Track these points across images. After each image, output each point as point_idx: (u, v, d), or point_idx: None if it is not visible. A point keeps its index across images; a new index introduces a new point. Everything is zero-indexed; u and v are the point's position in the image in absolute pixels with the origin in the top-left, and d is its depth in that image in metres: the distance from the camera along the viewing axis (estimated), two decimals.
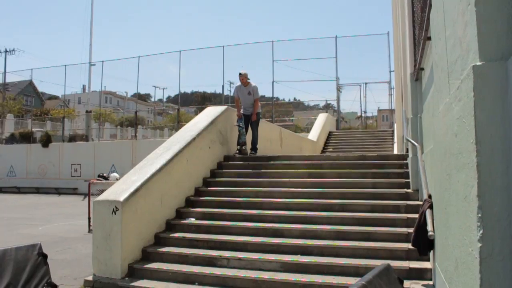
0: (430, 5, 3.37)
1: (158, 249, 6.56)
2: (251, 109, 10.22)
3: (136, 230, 6.48)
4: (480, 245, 1.56)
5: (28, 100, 52.61)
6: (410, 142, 6.94)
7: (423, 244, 4.85)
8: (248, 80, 10.32)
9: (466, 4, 1.78)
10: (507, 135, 1.52)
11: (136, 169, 7.22)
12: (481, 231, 1.56)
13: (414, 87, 7.15)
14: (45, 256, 5.87)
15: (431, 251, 4.94)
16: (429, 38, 4.77)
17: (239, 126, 10.06)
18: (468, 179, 1.69)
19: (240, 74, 10.32)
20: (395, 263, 5.30)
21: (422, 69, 6.24)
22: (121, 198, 6.22)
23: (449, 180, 2.26)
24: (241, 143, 10.05)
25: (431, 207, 4.71)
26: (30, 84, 49.29)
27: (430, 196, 4.94)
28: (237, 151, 10.04)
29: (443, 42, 2.50)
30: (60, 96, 44.78)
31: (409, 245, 5.42)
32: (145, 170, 7.04)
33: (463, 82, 1.76)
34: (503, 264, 1.53)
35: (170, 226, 7.24)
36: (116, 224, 6.14)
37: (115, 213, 6.15)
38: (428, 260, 5.41)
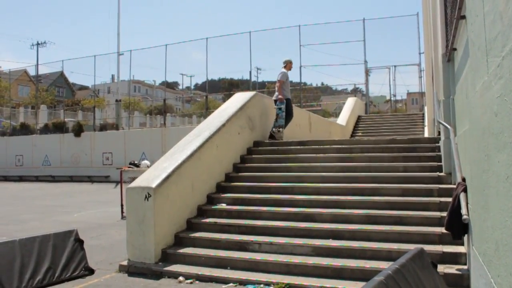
0: None
1: (190, 234, 6.65)
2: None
3: (168, 215, 6.57)
4: None
5: (59, 91, 53.72)
6: (443, 124, 6.81)
7: (457, 228, 4.78)
8: None
9: None
10: None
11: (167, 156, 7.30)
12: None
13: (446, 68, 6.98)
14: (81, 242, 6.05)
15: (465, 235, 4.87)
16: (463, 17, 4.64)
17: (280, 109, 10.11)
18: (510, 158, 1.64)
19: (290, 61, 10.95)
20: (428, 247, 5.23)
21: (455, 49, 6.08)
22: (153, 185, 6.31)
23: (488, 161, 2.20)
24: (277, 126, 10.08)
25: (465, 190, 4.63)
26: (61, 75, 50.18)
27: (464, 179, 4.85)
28: (271, 135, 10.10)
29: (480, 19, 2.42)
30: (90, 86, 45.43)
31: (442, 229, 5.34)
32: (176, 156, 7.11)
33: (504, 59, 1.70)
34: None
35: (202, 211, 7.32)
36: (149, 210, 6.24)
37: (147, 199, 6.24)
38: (462, 244, 5.33)
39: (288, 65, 10.85)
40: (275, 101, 10.29)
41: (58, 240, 5.77)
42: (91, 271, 6.03)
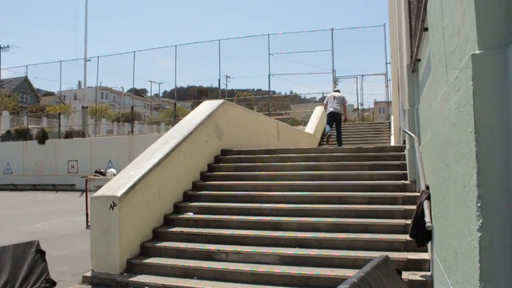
0: None
1: (156, 244, 6.56)
2: None
3: (134, 225, 6.47)
4: (479, 234, 1.56)
5: (23, 96, 52.32)
6: (407, 133, 6.95)
7: (421, 235, 4.85)
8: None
9: None
10: (506, 123, 1.51)
11: (134, 164, 7.20)
12: (480, 221, 1.55)
13: (411, 78, 7.14)
14: (43, 253, 5.85)
15: (429, 242, 4.95)
16: (426, 29, 4.76)
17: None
18: (467, 168, 1.68)
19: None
20: (394, 255, 5.31)
21: (419, 60, 6.23)
22: (119, 193, 6.21)
23: (447, 170, 2.25)
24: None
25: (428, 198, 4.70)
26: (25, 80, 48.98)
27: (427, 187, 4.93)
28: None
29: (440, 32, 2.49)
30: (56, 92, 44.45)
31: (407, 237, 5.42)
32: (142, 165, 7.03)
33: (461, 72, 1.75)
34: (503, 253, 1.53)
35: (168, 220, 7.24)
36: (114, 219, 6.13)
37: (112, 209, 6.14)
38: (426, 251, 5.42)
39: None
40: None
41: (18, 251, 5.58)
42: (53, 283, 5.84)
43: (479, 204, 1.55)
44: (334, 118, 13.29)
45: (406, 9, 7.66)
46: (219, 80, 29.76)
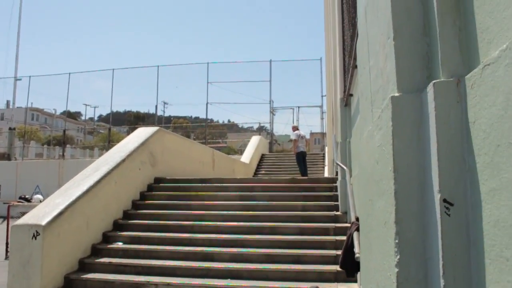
0: (357, 35, 3.51)
1: (82, 276, 6.27)
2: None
3: (59, 255, 6.16)
4: (397, 270, 1.61)
5: None
6: (339, 165, 7.14)
7: (351, 266, 4.93)
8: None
9: (386, 38, 1.86)
10: (422, 163, 1.59)
11: (61, 191, 6.91)
12: (398, 256, 1.60)
13: (343, 112, 7.39)
14: None
15: (358, 273, 5.05)
16: (357, 67, 4.98)
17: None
18: (387, 205, 1.74)
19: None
20: (324, 285, 5.39)
21: (351, 95, 6.47)
22: (43, 222, 5.91)
23: (371, 205, 2.33)
24: None
25: (358, 229, 4.83)
26: None
27: (357, 219, 5.05)
28: None
29: (367, 72, 2.60)
30: None
31: (337, 267, 5.49)
32: (71, 192, 6.75)
33: (383, 112, 1.83)
34: (418, 287, 1.58)
35: (96, 250, 6.96)
36: (36, 250, 5.81)
37: (35, 238, 5.82)
38: (356, 281, 5.52)
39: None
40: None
41: None
42: None
43: (396, 240, 1.61)
44: (302, 157, 15.41)
45: (341, 46, 7.98)
46: (156, 106, 29.26)
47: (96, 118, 55.48)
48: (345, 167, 6.78)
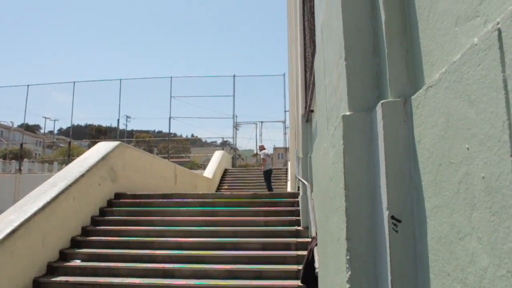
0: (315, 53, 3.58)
1: None
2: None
3: (10, 276, 5.92)
4: (348, 286, 1.63)
5: None
6: (301, 181, 7.20)
7: (311, 281, 4.97)
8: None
9: (339, 57, 1.91)
10: (371, 181, 1.63)
11: (16, 207, 6.69)
12: (349, 272, 1.63)
13: (305, 128, 7.46)
14: None
15: None
16: (314, 84, 5.06)
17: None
18: (340, 222, 1.77)
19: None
20: None
21: (312, 111, 6.56)
22: None
23: (327, 221, 2.36)
24: None
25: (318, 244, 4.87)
26: None
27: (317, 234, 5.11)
28: None
29: (323, 89, 2.65)
30: None
31: (298, 282, 5.51)
32: (26, 208, 6.55)
33: (336, 129, 1.87)
34: None
35: (52, 269, 6.74)
36: None
37: None
38: None
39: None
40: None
41: None
42: None
43: (348, 257, 1.63)
44: (269, 174, 16.40)
45: (302, 62, 8.10)
46: (118, 120, 28.83)
47: (56, 132, 54.26)
48: (306, 182, 6.84)
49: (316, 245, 4.89)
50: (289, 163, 21.14)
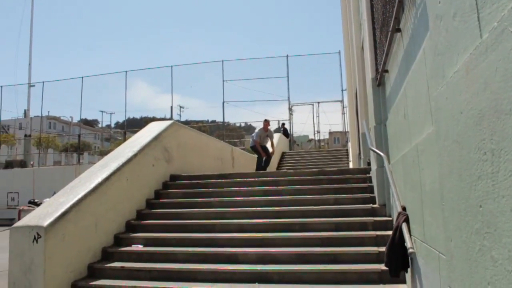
0: None
1: (91, 283, 5.56)
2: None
3: (64, 260, 5.47)
4: None
5: None
6: (375, 152, 6.33)
7: (395, 263, 4.22)
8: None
9: None
10: None
11: (66, 189, 6.24)
12: None
13: (376, 93, 6.61)
14: None
15: (407, 271, 4.32)
16: (398, 30, 4.22)
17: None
18: None
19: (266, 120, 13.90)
20: (367, 287, 4.62)
21: (386, 71, 5.69)
22: (45, 223, 5.23)
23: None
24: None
25: (406, 220, 4.11)
26: None
27: (404, 209, 4.33)
28: None
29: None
30: None
31: (381, 266, 4.79)
32: (76, 190, 6.08)
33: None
34: None
35: (107, 254, 6.27)
36: (38, 255, 5.13)
37: (36, 241, 5.15)
38: (404, 282, 4.74)
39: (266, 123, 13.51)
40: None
41: None
42: None
43: None
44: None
45: (370, 21, 7.20)
46: (171, 107, 28.71)
47: (113, 125, 55.43)
48: (382, 154, 5.98)
49: (404, 221, 4.13)
50: (349, 143, 20.22)
